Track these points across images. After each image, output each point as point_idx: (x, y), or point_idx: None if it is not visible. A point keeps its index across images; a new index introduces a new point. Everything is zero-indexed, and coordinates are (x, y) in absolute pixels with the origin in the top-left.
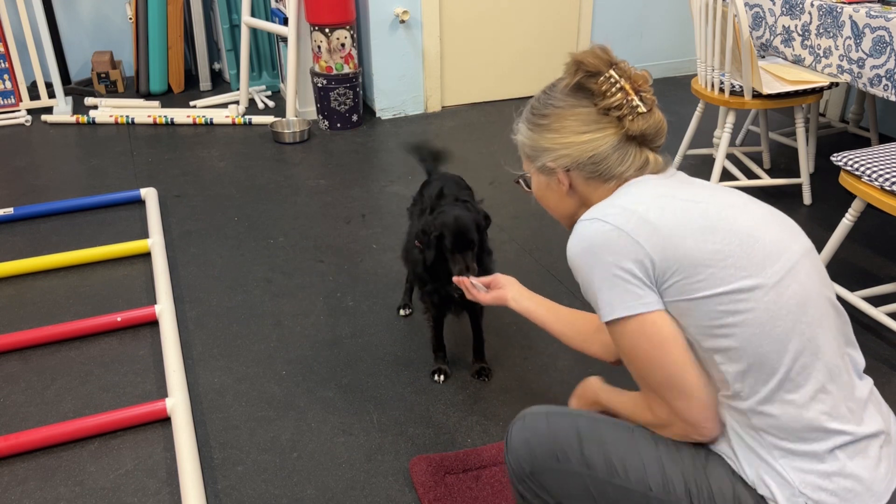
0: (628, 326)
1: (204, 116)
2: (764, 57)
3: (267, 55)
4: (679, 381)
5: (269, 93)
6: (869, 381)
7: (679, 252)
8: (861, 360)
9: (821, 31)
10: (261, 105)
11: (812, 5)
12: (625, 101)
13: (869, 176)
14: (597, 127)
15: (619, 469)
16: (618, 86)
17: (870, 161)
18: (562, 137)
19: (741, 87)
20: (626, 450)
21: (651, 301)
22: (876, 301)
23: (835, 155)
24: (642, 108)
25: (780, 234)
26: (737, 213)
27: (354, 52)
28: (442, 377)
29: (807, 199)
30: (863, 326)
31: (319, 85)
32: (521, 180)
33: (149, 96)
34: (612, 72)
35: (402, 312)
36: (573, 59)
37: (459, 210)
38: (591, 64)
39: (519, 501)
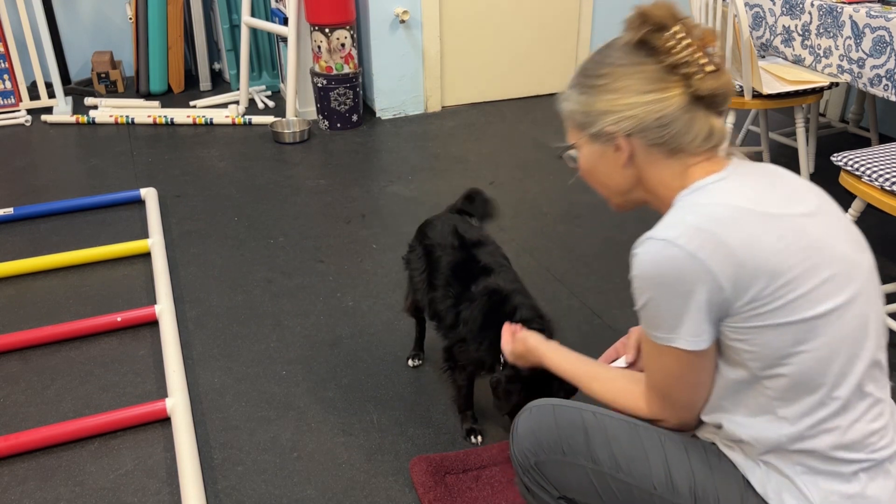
0: (680, 356)
1: (204, 116)
2: (764, 57)
3: (267, 55)
4: (696, 403)
5: (269, 93)
6: (889, 396)
7: (753, 281)
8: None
9: (821, 31)
10: (261, 105)
11: (812, 5)
12: (692, 59)
13: (869, 176)
14: (662, 86)
15: (623, 465)
16: (685, 41)
17: (870, 161)
18: (623, 98)
19: (741, 87)
20: (631, 446)
21: (709, 337)
22: None
23: (835, 155)
24: (710, 67)
25: (850, 247)
26: (809, 225)
27: (354, 52)
28: (479, 437)
29: None
30: None
31: (319, 85)
32: (566, 157)
33: (149, 96)
34: (678, 26)
35: (411, 363)
36: (638, 11)
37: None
38: (656, 17)
39: (523, 493)
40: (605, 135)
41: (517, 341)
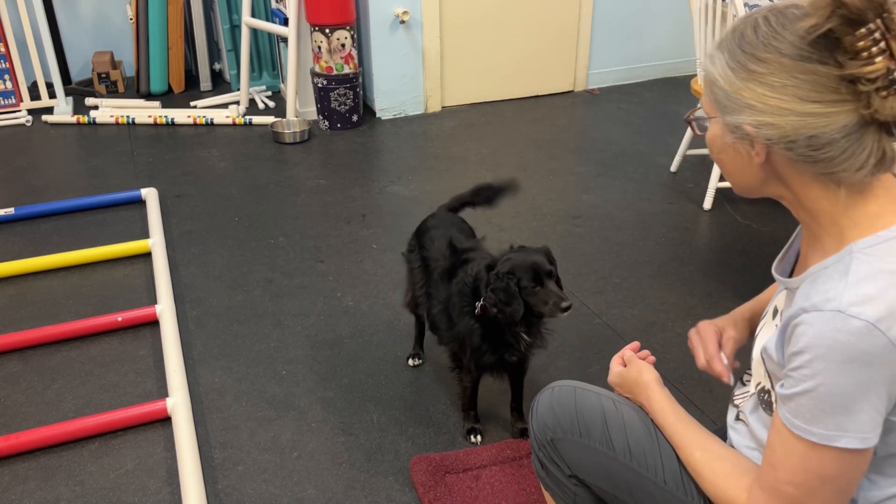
0: (840, 456)
1: (204, 116)
2: None
3: (267, 55)
4: None
5: (269, 93)
6: None
7: None
8: None
9: None
10: (261, 105)
11: None
12: (885, 72)
13: None
14: (832, 98)
15: (636, 455)
16: (881, 45)
17: None
18: (776, 99)
19: None
20: (647, 439)
21: (880, 432)
22: None
23: None
24: None
25: None
26: None
27: (354, 53)
28: (479, 437)
29: None
30: None
31: (319, 85)
32: (692, 121)
33: (149, 96)
34: (879, 22)
35: (411, 363)
36: None
37: (515, 253)
38: (854, 8)
39: (536, 468)
40: (742, 132)
41: (631, 365)
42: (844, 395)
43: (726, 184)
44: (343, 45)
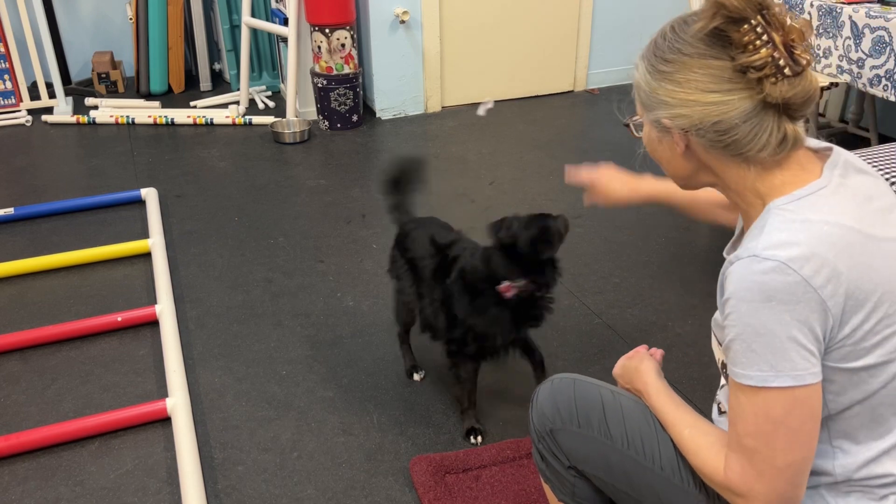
0: (782, 395)
1: (204, 117)
2: None
3: (267, 55)
4: (796, 465)
5: (269, 93)
6: None
7: (857, 317)
8: None
9: (820, 31)
10: (261, 105)
11: (811, 5)
12: (770, 60)
13: None
14: (729, 87)
15: (634, 443)
16: (764, 38)
17: (869, 161)
18: (683, 92)
19: None
20: (644, 428)
21: (819, 370)
22: None
23: None
24: (789, 71)
25: None
26: None
27: (354, 53)
28: (479, 437)
29: None
30: None
31: (319, 85)
32: (630, 124)
33: (149, 96)
34: (759, 18)
35: (416, 377)
36: None
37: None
38: (734, 7)
39: (537, 460)
40: (662, 126)
41: (634, 356)
42: (769, 333)
43: None
44: (343, 45)
